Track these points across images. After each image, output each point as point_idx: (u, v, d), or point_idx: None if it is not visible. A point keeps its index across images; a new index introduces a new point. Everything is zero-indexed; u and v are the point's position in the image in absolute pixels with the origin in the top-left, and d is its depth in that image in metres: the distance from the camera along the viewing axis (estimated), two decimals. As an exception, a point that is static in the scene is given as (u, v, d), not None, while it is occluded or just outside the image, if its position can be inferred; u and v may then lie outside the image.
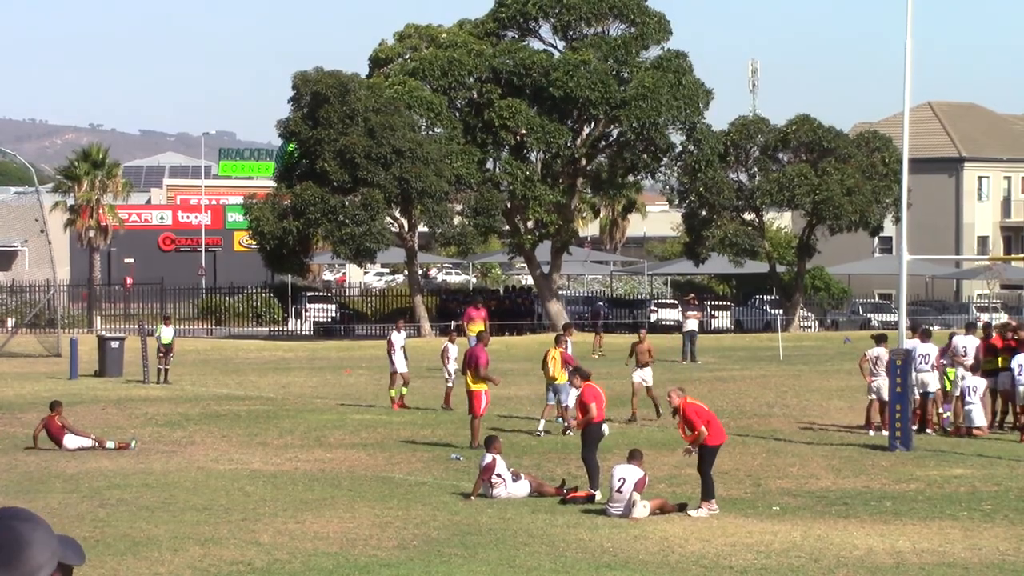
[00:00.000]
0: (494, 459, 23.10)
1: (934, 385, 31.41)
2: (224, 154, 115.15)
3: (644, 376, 34.05)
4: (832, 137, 71.36)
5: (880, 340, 31.50)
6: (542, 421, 31.10)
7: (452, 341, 36.08)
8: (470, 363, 29.27)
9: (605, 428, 23.87)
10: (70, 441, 28.75)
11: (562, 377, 30.74)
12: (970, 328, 34.22)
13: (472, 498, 22.86)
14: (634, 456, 22.22)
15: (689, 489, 22.42)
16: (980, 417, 31.10)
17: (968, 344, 32.48)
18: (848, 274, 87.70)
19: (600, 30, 68.93)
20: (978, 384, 31.28)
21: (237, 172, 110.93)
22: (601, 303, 72.64)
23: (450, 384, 35.34)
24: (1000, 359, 31.96)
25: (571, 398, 30.93)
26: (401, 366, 36.60)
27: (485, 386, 29.12)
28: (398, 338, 36.95)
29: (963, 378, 31.68)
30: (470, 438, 28.96)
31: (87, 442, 28.81)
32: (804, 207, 71.20)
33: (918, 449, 28.48)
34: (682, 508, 22.30)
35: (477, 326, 43.03)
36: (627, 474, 21.58)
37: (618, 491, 21.49)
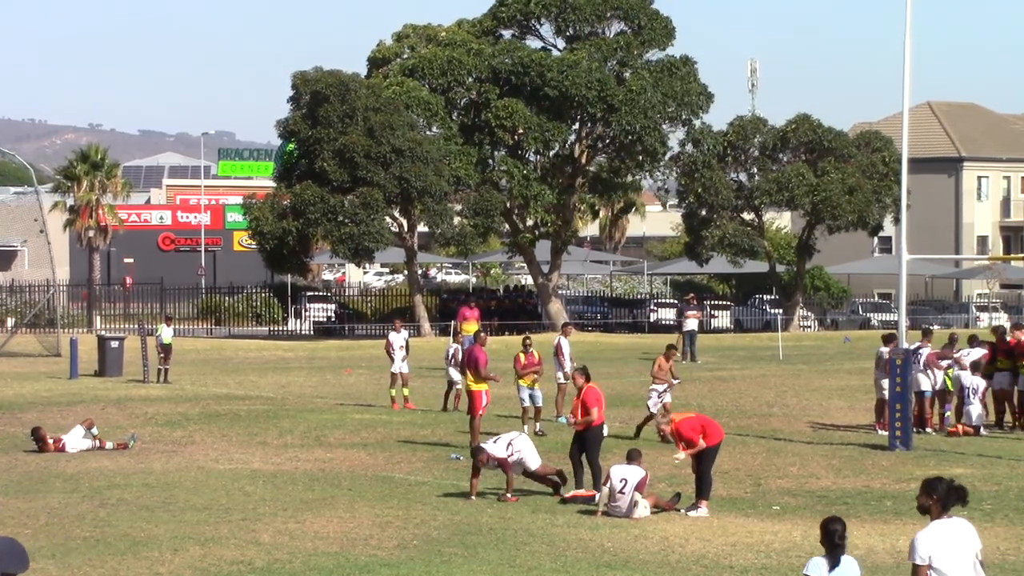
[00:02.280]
0: (477, 467, 23.18)
1: (925, 384, 31.40)
2: (223, 154, 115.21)
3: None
4: (832, 137, 71.31)
5: (889, 340, 31.50)
6: (537, 424, 30.93)
7: (457, 343, 35.83)
8: (470, 363, 29.27)
9: (605, 429, 23.94)
10: (71, 445, 28.75)
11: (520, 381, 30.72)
12: (974, 341, 33.91)
13: (472, 498, 22.88)
14: (633, 456, 22.25)
15: (689, 488, 22.43)
16: (978, 417, 31.10)
17: (973, 353, 32.38)
18: (848, 274, 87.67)
19: (603, 31, 68.87)
20: (979, 384, 31.29)
21: (236, 172, 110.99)
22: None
23: (459, 387, 34.78)
24: (996, 360, 31.96)
25: (534, 399, 30.74)
26: (402, 366, 36.53)
27: (486, 386, 29.13)
28: (397, 338, 36.82)
29: (959, 378, 31.73)
30: (470, 438, 28.96)
31: (87, 444, 28.81)
32: (803, 207, 71.19)
33: (918, 449, 28.51)
34: (676, 499, 22.35)
35: (471, 326, 42.98)
36: (628, 475, 21.62)
37: (620, 492, 21.52)
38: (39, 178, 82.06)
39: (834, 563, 11.81)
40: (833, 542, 11.86)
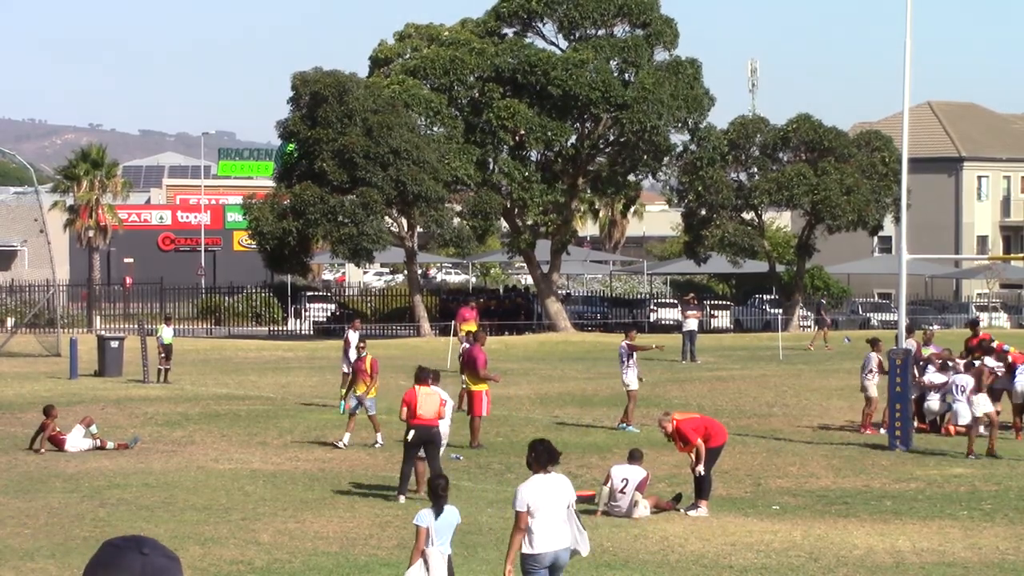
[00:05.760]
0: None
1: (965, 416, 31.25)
2: (224, 154, 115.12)
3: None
4: (832, 136, 71.32)
5: (874, 343, 31.53)
6: (378, 436, 29.55)
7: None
8: (468, 364, 29.24)
9: (411, 434, 22.71)
10: (72, 444, 28.74)
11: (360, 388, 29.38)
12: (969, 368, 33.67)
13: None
14: (634, 457, 22.27)
15: (689, 488, 22.42)
16: (966, 414, 31.04)
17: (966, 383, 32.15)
18: (847, 273, 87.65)
19: (606, 31, 68.75)
20: (966, 382, 31.22)
21: (237, 172, 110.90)
22: (823, 300, 71.93)
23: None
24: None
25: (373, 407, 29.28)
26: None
27: (486, 386, 29.09)
28: (355, 337, 36.99)
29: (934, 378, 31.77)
30: (470, 438, 28.95)
31: (87, 444, 28.80)
32: (803, 207, 71.21)
33: (918, 448, 28.50)
34: (677, 499, 22.34)
35: (470, 326, 42.99)
36: (630, 474, 21.63)
37: (621, 491, 21.52)
38: (39, 178, 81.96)
39: (439, 512, 14.24)
40: (437, 494, 14.40)
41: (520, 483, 14.09)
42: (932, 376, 31.90)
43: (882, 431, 30.29)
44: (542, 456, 13.51)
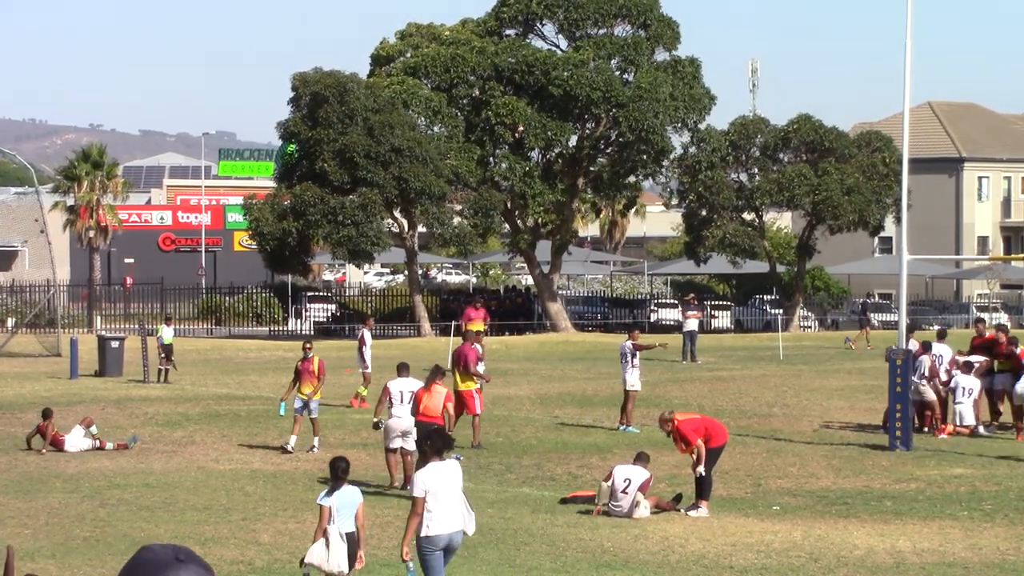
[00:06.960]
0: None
1: (929, 395, 31.22)
2: (224, 154, 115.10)
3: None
4: (833, 137, 71.33)
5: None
6: (316, 440, 29.11)
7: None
8: (459, 361, 29.15)
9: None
10: (71, 444, 28.73)
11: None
12: (941, 336, 33.78)
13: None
14: (640, 458, 22.29)
15: (689, 488, 22.42)
16: (970, 416, 31.05)
17: (943, 352, 32.23)
18: (848, 274, 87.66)
19: (606, 31, 68.72)
20: (973, 385, 31.23)
21: (237, 172, 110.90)
22: (868, 300, 71.73)
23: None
24: (996, 361, 31.94)
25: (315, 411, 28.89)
26: (368, 365, 37.39)
27: (474, 384, 29.00)
28: (369, 336, 37.95)
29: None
30: (472, 438, 28.95)
31: (87, 444, 28.78)
32: (803, 207, 71.23)
33: (918, 449, 28.49)
34: (677, 499, 22.35)
35: (476, 326, 42.94)
36: (632, 475, 21.63)
37: (623, 491, 21.52)
38: (40, 178, 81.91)
39: (334, 490, 15.64)
40: (336, 475, 15.80)
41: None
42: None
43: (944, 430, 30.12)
44: (436, 443, 14.90)
